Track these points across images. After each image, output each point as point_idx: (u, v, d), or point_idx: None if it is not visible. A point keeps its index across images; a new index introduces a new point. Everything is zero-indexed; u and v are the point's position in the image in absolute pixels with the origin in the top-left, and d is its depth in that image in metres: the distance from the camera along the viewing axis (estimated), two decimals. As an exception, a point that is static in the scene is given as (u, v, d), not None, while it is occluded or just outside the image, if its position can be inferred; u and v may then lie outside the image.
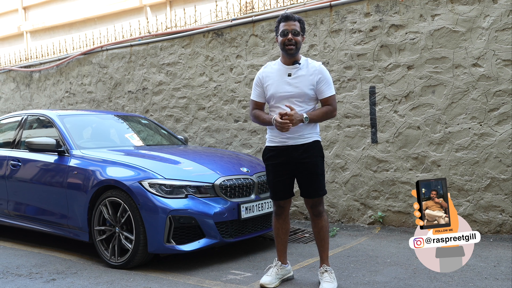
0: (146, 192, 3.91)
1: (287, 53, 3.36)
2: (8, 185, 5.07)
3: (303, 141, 3.36)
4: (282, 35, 3.35)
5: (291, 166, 3.39)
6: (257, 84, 3.51)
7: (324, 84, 3.38)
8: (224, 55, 6.57)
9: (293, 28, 3.34)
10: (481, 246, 4.41)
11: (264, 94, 3.47)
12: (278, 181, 3.44)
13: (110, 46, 7.90)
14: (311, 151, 3.37)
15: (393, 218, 5.28)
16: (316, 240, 3.51)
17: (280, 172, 3.43)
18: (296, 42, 3.33)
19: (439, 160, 4.99)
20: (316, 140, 3.41)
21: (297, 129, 3.33)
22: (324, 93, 3.39)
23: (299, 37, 3.36)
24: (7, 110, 9.56)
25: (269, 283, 3.45)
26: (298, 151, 3.35)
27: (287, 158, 3.38)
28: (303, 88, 3.33)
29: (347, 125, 5.56)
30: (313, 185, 3.39)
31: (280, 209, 3.53)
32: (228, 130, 6.56)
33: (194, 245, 3.93)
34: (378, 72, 5.34)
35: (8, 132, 5.66)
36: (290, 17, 3.36)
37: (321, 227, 3.46)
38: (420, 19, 5.08)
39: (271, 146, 3.45)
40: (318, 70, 3.39)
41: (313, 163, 3.37)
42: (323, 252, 3.49)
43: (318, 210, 3.44)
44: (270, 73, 3.45)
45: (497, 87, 4.69)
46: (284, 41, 3.34)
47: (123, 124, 5.71)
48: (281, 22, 3.39)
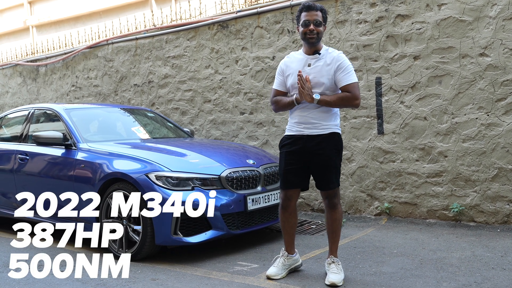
0: (153, 185, 3.93)
1: (308, 42, 3.32)
2: (16, 179, 5.11)
3: (319, 132, 3.32)
4: (304, 26, 3.30)
5: (304, 156, 3.36)
6: (279, 73, 3.49)
7: (342, 72, 3.30)
8: (230, 47, 6.56)
9: (315, 18, 3.29)
10: (488, 236, 4.40)
11: (285, 83, 3.45)
12: (289, 169, 3.41)
13: (115, 39, 7.91)
14: (326, 143, 3.32)
15: (399, 209, 5.27)
16: (328, 231, 3.50)
17: (291, 160, 3.40)
18: (318, 32, 3.29)
19: (446, 150, 4.96)
20: (333, 132, 3.35)
21: (313, 119, 3.31)
22: (342, 81, 3.30)
23: (321, 27, 3.32)
24: (14, 105, 9.61)
25: (275, 275, 3.46)
26: (314, 141, 3.32)
27: (301, 148, 3.35)
28: (319, 78, 3.29)
29: (353, 116, 5.54)
30: (326, 178, 3.36)
31: (286, 201, 3.48)
32: (234, 123, 6.56)
33: (201, 237, 3.95)
34: (384, 63, 5.31)
35: (16, 126, 5.70)
36: (312, 7, 3.31)
37: (334, 219, 3.44)
38: (426, 8, 5.04)
39: (288, 135, 3.44)
40: (336, 59, 3.32)
41: (326, 155, 3.33)
42: (333, 244, 3.48)
43: (333, 202, 3.42)
44: (291, 62, 3.43)
45: (505, 76, 4.65)
46: (305, 31, 3.30)
47: (129, 117, 5.73)
48: (302, 12, 3.33)
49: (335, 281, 3.27)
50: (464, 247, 4.11)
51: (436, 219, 5.04)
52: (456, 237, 4.44)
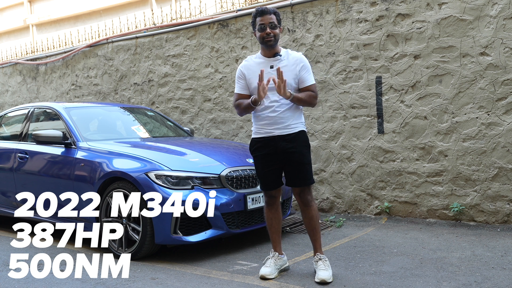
0: (152, 184, 3.92)
1: (266, 45, 3.42)
2: (16, 178, 5.10)
3: (289, 131, 3.41)
4: (260, 30, 3.41)
5: (278, 156, 3.44)
6: (239, 77, 3.55)
7: (306, 72, 3.45)
8: (230, 46, 6.55)
9: (269, 21, 3.40)
10: (488, 236, 4.40)
11: (248, 87, 3.50)
12: (267, 171, 3.49)
13: (115, 38, 7.90)
14: (297, 141, 3.42)
15: (399, 209, 5.27)
16: (308, 230, 3.55)
17: (268, 162, 3.47)
18: (274, 34, 3.40)
19: (446, 150, 4.96)
20: (301, 130, 3.47)
21: (283, 119, 3.39)
22: (306, 81, 3.44)
23: (277, 30, 3.44)
24: (14, 103, 9.60)
25: (269, 274, 3.47)
26: (285, 141, 3.40)
27: (274, 148, 3.42)
28: (286, 79, 3.33)
29: (354, 115, 5.53)
30: (301, 175, 3.44)
31: (272, 199, 3.58)
32: (234, 122, 6.56)
33: (201, 236, 3.95)
34: (384, 62, 5.31)
35: (15, 125, 5.69)
36: (265, 11, 3.42)
37: (311, 216, 3.50)
38: (427, 7, 5.03)
39: (257, 137, 3.50)
40: (299, 60, 3.46)
41: (299, 153, 3.42)
42: (316, 241, 3.53)
43: (306, 198, 3.48)
44: (251, 66, 3.50)
45: (505, 76, 4.65)
46: (262, 35, 3.40)
47: (129, 116, 5.72)
48: (257, 17, 3.45)
49: (324, 278, 3.31)
50: (464, 246, 4.11)
51: (436, 218, 5.04)
52: (456, 237, 4.44)
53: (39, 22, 18.19)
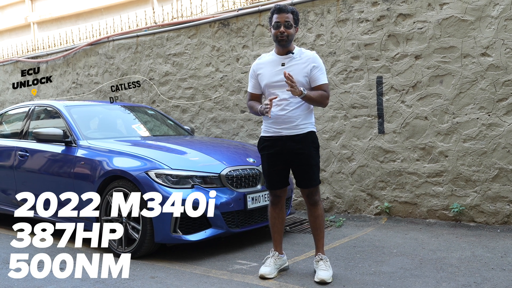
0: (152, 182, 3.92)
1: (279, 43, 3.41)
2: (16, 175, 5.10)
3: (297, 132, 3.38)
4: (275, 28, 3.39)
5: (285, 156, 3.42)
6: (252, 75, 3.56)
7: (318, 71, 3.41)
8: (231, 45, 6.55)
9: (285, 20, 3.37)
10: (488, 236, 4.40)
11: (259, 85, 3.50)
12: (273, 170, 3.48)
13: (116, 36, 7.90)
14: (305, 142, 3.39)
15: (399, 209, 5.26)
16: (312, 229, 3.56)
17: (275, 162, 3.46)
18: (288, 34, 3.37)
19: (446, 150, 4.96)
20: (310, 131, 3.44)
21: (291, 119, 3.36)
22: (318, 80, 3.40)
23: (292, 29, 3.39)
24: (15, 101, 9.60)
25: (269, 274, 3.47)
26: (293, 141, 3.38)
27: (281, 148, 3.41)
28: (296, 76, 3.32)
29: (354, 115, 5.53)
30: (308, 176, 3.43)
31: (276, 199, 3.57)
32: (235, 121, 6.56)
33: (201, 235, 3.95)
34: (385, 62, 5.30)
35: (16, 123, 5.69)
36: (283, 9, 3.39)
37: (317, 216, 3.50)
38: (428, 8, 5.02)
39: (265, 136, 3.49)
40: (311, 59, 3.42)
41: (307, 154, 3.40)
42: (319, 241, 3.53)
43: (314, 199, 3.48)
44: (263, 63, 3.50)
45: (506, 76, 4.64)
46: (276, 33, 3.38)
47: (130, 114, 5.72)
48: (274, 14, 3.41)
49: (324, 278, 3.31)
50: (464, 247, 4.11)
51: (436, 219, 5.03)
52: (456, 237, 4.44)
53: (40, 20, 18.20)
